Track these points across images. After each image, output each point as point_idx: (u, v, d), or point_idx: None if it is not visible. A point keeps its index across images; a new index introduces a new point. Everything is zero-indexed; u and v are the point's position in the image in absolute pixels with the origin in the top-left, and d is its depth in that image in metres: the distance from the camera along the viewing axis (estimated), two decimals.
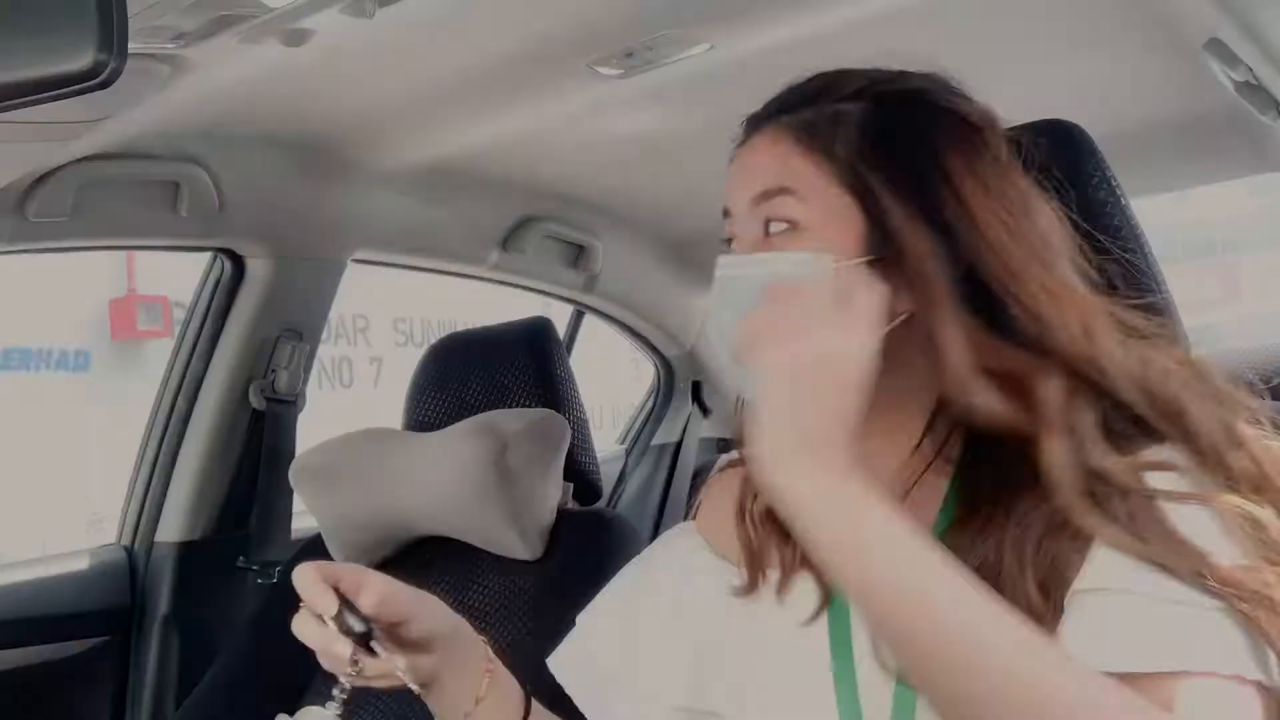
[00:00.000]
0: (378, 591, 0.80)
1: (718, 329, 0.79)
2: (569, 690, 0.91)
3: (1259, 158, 1.70)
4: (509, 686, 0.88)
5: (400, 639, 0.81)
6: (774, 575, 0.83)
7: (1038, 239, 0.76)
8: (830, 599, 0.79)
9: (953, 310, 0.73)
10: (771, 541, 0.83)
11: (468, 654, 0.85)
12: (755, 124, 0.83)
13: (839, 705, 0.76)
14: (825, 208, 0.77)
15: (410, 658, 0.81)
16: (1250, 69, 1.36)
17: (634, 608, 0.91)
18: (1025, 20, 1.29)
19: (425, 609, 0.83)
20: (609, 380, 3.25)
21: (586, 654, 0.92)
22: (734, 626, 0.84)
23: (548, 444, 1.50)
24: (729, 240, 0.83)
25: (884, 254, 0.75)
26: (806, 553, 0.78)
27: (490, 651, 0.87)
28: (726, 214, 0.83)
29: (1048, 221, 0.77)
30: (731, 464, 0.93)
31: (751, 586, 0.83)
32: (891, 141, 0.77)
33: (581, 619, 0.94)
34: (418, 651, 0.82)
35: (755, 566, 0.83)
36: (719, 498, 0.91)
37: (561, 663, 0.93)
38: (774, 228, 0.78)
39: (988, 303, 0.74)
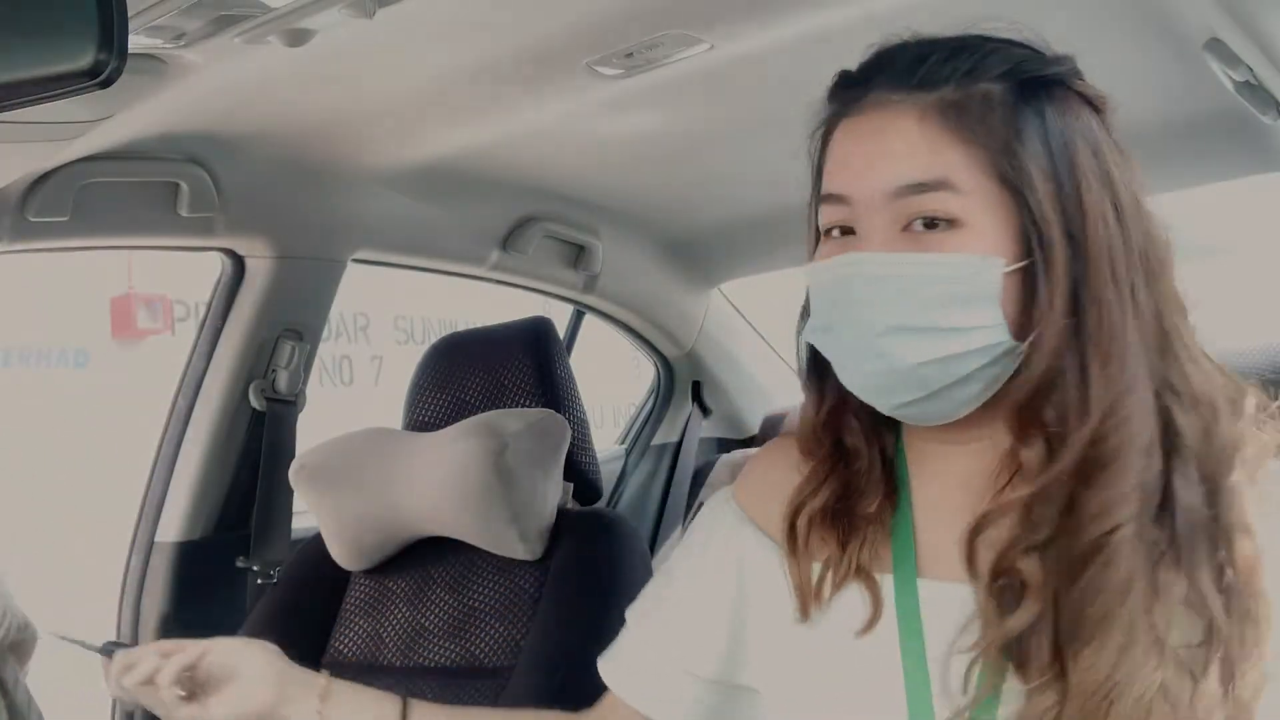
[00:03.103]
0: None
1: (861, 338, 0.73)
2: (613, 687, 0.89)
3: (1259, 158, 1.70)
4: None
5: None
6: (818, 577, 0.80)
7: (1138, 242, 0.72)
8: (881, 611, 0.77)
9: (1132, 309, 0.70)
10: (822, 548, 0.80)
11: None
12: (877, 94, 0.75)
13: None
14: (984, 204, 0.71)
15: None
16: (1250, 69, 1.36)
17: (672, 582, 0.89)
18: (1025, 20, 1.29)
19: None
20: (610, 379, 3.25)
21: (629, 648, 0.90)
22: (781, 619, 0.81)
23: (548, 444, 1.50)
24: (839, 231, 0.76)
25: (1035, 257, 0.71)
26: (860, 562, 0.77)
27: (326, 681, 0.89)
28: (836, 199, 0.75)
29: (1155, 223, 0.74)
30: (782, 441, 0.89)
31: (804, 614, 0.79)
32: (1039, 133, 0.72)
33: (629, 615, 0.92)
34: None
35: (805, 599, 0.79)
36: (765, 475, 0.87)
37: (611, 663, 0.91)
38: (929, 224, 0.71)
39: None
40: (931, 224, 0.71)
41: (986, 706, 0.70)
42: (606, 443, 2.58)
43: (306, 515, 1.65)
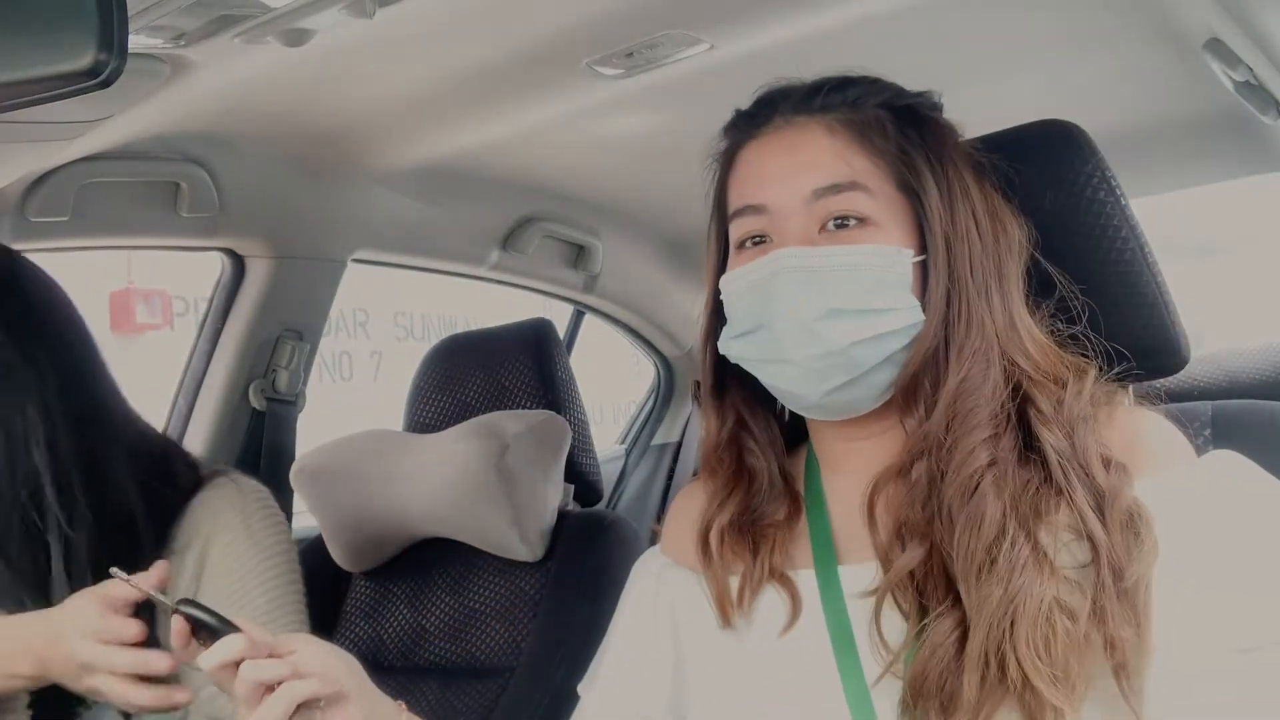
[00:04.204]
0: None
1: (801, 324, 0.79)
2: None
3: (1259, 158, 1.70)
4: None
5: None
6: (736, 587, 0.85)
7: (992, 246, 0.83)
8: (800, 609, 0.82)
9: (985, 300, 0.80)
10: (737, 561, 0.85)
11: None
12: (782, 118, 0.84)
13: (849, 705, 0.77)
14: (888, 205, 0.81)
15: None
16: (1250, 69, 1.36)
17: (610, 645, 0.94)
18: (1025, 20, 1.29)
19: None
20: (611, 376, 3.25)
21: (586, 715, 0.93)
22: (712, 639, 0.86)
23: (548, 445, 1.50)
24: (751, 241, 0.84)
25: (927, 253, 0.81)
26: (774, 565, 0.83)
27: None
28: (754, 210, 0.83)
29: (1009, 233, 0.84)
30: (692, 485, 0.96)
31: (726, 623, 0.85)
32: (920, 149, 0.82)
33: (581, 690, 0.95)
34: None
35: (724, 608, 0.85)
36: (680, 519, 0.94)
37: None
38: (843, 223, 0.80)
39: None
40: (843, 224, 0.80)
41: (909, 656, 0.75)
42: (606, 441, 2.58)
43: (306, 515, 1.65)
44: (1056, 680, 0.69)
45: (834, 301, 0.78)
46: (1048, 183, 0.90)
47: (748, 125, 0.87)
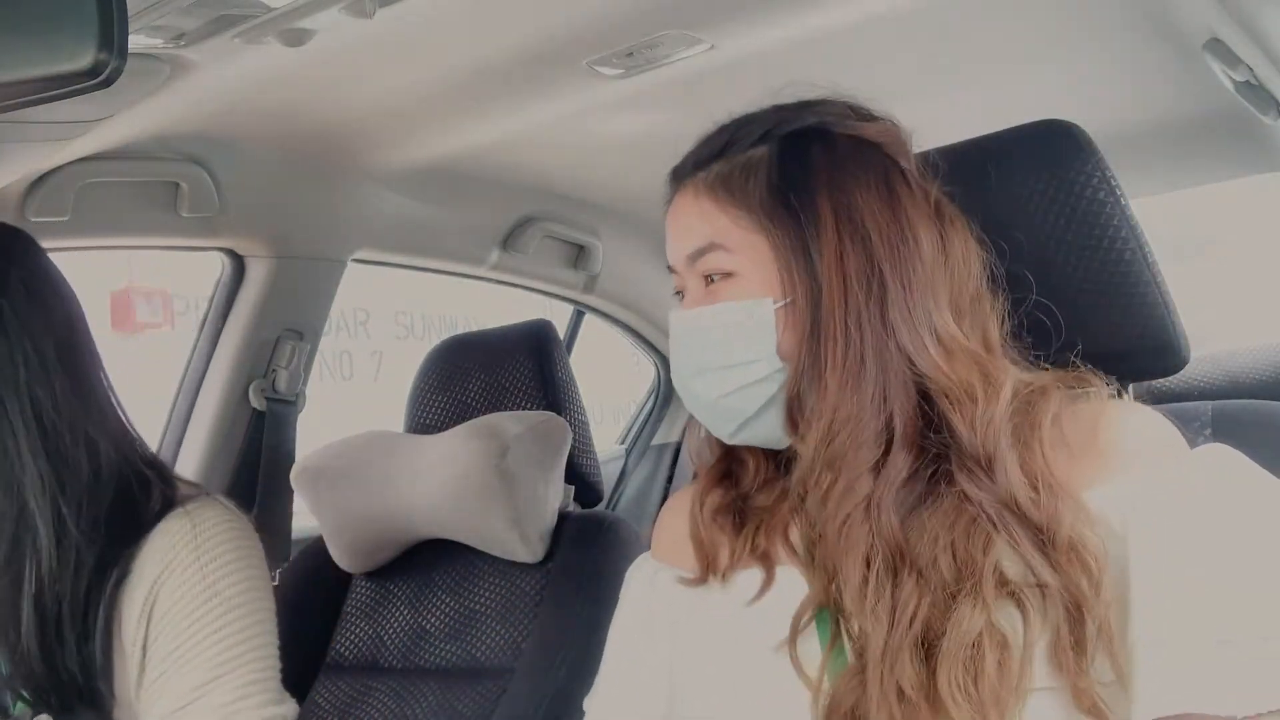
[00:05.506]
0: None
1: (681, 381, 0.86)
2: None
3: (1259, 158, 1.70)
4: None
5: None
6: (723, 567, 0.87)
7: (897, 270, 0.79)
8: (772, 581, 0.83)
9: (866, 327, 0.78)
10: (722, 536, 0.88)
11: None
12: (677, 182, 0.88)
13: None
14: (752, 255, 0.82)
15: None
16: (1250, 69, 1.36)
17: (608, 656, 0.95)
18: (1025, 20, 1.29)
19: None
20: (611, 376, 3.25)
21: None
22: (706, 640, 0.87)
23: (549, 446, 1.50)
24: (679, 293, 0.88)
25: (794, 296, 0.80)
26: (754, 545, 0.86)
27: None
28: (671, 269, 0.88)
29: (930, 252, 0.81)
30: (682, 491, 0.97)
31: (702, 577, 0.87)
32: (792, 183, 0.82)
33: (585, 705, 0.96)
34: None
35: (705, 560, 0.88)
36: (670, 523, 0.95)
37: None
38: (714, 279, 0.84)
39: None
40: (715, 280, 0.84)
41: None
42: (606, 442, 2.58)
43: (306, 515, 1.65)
44: (983, 716, 0.68)
45: (700, 360, 0.84)
46: (1048, 183, 0.90)
47: (670, 188, 0.90)
